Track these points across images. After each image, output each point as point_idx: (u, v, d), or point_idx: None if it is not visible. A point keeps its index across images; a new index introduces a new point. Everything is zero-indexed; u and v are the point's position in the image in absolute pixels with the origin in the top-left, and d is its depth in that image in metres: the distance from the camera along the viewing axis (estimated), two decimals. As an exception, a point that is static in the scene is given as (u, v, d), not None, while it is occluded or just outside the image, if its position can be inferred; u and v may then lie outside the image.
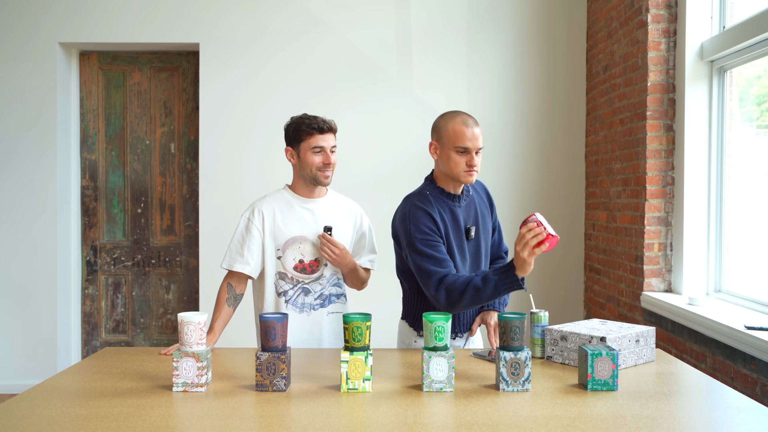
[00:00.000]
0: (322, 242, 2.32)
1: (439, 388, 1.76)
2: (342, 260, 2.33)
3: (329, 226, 2.33)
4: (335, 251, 2.31)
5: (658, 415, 1.59)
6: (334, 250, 2.31)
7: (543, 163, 4.17)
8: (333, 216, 2.42)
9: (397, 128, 4.13)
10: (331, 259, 2.32)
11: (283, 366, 1.76)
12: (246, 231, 2.36)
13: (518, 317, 1.77)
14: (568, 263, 4.17)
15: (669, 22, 3.20)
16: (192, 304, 4.41)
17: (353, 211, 2.49)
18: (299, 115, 2.39)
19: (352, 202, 2.51)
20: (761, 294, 2.76)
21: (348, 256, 2.35)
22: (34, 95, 4.18)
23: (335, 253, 2.31)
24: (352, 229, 2.46)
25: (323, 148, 2.33)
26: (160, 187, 4.42)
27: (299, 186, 2.42)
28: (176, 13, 4.15)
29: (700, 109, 3.12)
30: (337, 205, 2.46)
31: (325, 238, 2.31)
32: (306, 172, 2.36)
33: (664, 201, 3.23)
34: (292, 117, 2.41)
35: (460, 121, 2.12)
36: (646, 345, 2.06)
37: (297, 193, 2.42)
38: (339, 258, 2.32)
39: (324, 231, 2.33)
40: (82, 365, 2.04)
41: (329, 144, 2.34)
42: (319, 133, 2.32)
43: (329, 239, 2.31)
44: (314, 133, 2.32)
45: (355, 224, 2.47)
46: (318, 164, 2.33)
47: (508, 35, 4.15)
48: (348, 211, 2.47)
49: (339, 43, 4.14)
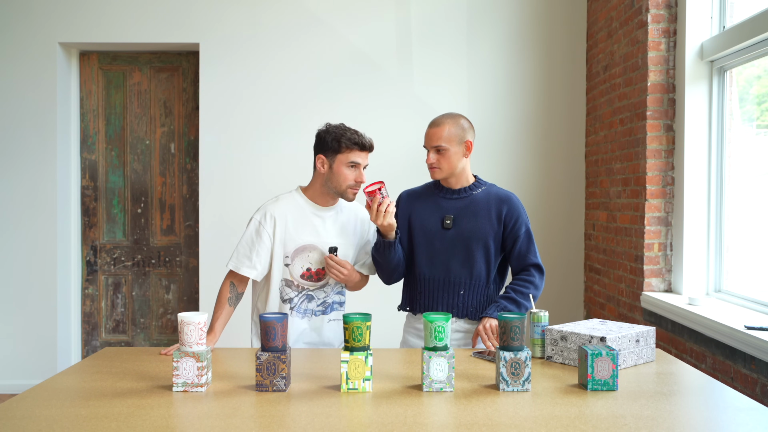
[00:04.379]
0: (329, 264, 2.30)
1: (439, 388, 1.76)
2: (349, 278, 2.35)
3: (334, 247, 2.32)
4: (343, 272, 2.31)
5: (658, 415, 1.59)
6: (342, 271, 2.31)
7: (543, 163, 4.16)
8: (344, 224, 2.41)
9: (398, 127, 4.13)
10: (339, 279, 2.33)
11: (283, 366, 1.76)
12: (256, 235, 2.33)
13: (518, 317, 1.77)
14: (568, 263, 4.17)
15: (669, 22, 3.20)
16: (192, 304, 4.41)
17: (362, 218, 2.48)
18: (339, 125, 2.32)
19: (361, 207, 2.49)
20: (761, 294, 2.76)
21: (354, 273, 2.36)
22: (34, 95, 4.18)
23: (343, 273, 2.31)
24: (359, 237, 2.46)
25: (358, 165, 2.30)
26: (160, 187, 4.42)
27: (318, 194, 2.37)
28: (176, 13, 4.15)
29: (700, 109, 3.12)
30: (347, 212, 2.45)
31: (332, 260, 2.30)
32: (334, 184, 2.31)
33: (664, 201, 3.23)
34: (329, 124, 2.34)
35: (429, 123, 2.38)
36: (646, 345, 2.06)
37: (312, 200, 2.38)
38: (346, 278, 2.33)
39: (329, 252, 2.32)
40: (82, 365, 2.04)
41: (364, 162, 2.32)
42: (360, 149, 2.29)
43: (337, 260, 2.30)
44: (355, 149, 2.28)
45: (363, 232, 2.47)
46: (350, 181, 2.29)
47: (508, 35, 4.15)
48: (357, 218, 2.47)
49: (339, 42, 4.14)
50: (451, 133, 2.30)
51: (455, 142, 2.31)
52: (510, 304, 2.30)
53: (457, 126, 2.32)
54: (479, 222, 2.34)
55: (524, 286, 2.33)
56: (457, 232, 2.34)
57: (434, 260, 2.36)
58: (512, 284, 2.36)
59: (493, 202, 2.37)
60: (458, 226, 2.34)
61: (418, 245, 2.38)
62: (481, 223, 2.34)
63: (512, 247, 2.37)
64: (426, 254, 2.37)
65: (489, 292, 2.38)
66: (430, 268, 2.36)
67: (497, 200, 2.37)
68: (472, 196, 2.37)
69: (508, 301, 2.31)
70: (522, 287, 2.33)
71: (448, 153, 2.31)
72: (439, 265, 2.35)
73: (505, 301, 2.31)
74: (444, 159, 2.31)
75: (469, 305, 2.36)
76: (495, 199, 2.37)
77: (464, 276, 2.35)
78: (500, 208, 2.36)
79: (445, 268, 2.35)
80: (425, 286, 2.38)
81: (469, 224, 2.34)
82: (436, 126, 2.33)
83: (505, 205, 2.37)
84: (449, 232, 2.35)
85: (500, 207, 2.36)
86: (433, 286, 2.37)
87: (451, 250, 2.35)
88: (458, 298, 2.35)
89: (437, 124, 2.33)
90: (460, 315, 2.37)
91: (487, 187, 2.41)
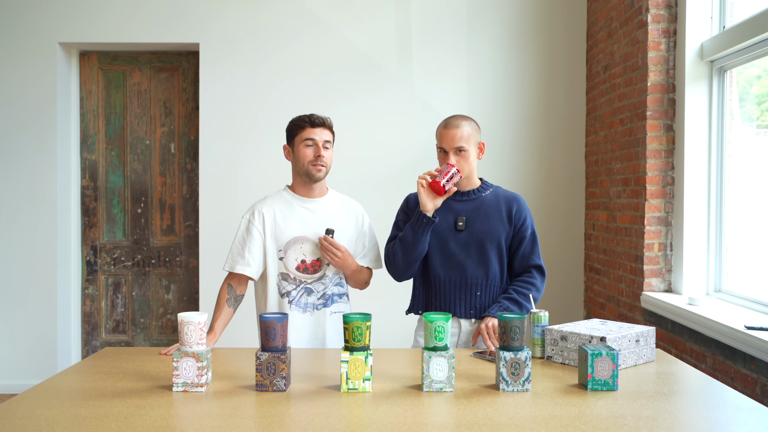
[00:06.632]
0: (324, 245, 2.31)
1: (439, 388, 1.76)
2: (344, 263, 2.33)
3: (331, 230, 2.33)
4: (337, 254, 2.31)
5: (658, 415, 1.59)
6: (336, 253, 2.31)
7: (543, 163, 4.17)
8: (334, 216, 2.41)
9: (397, 127, 4.13)
10: (333, 262, 2.32)
11: (283, 366, 1.76)
12: (246, 232, 2.36)
13: (518, 317, 1.78)
14: (568, 263, 4.17)
15: (669, 22, 3.20)
16: (192, 304, 4.41)
17: (355, 210, 2.48)
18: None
19: (354, 202, 2.51)
20: (761, 294, 2.76)
21: (350, 258, 2.35)
22: (34, 95, 4.18)
23: (337, 256, 2.31)
24: (353, 229, 2.46)
25: (315, 141, 2.34)
26: (160, 187, 4.42)
27: (298, 185, 2.42)
28: (176, 13, 4.15)
29: (700, 109, 3.12)
30: (338, 204, 2.45)
31: (327, 241, 2.30)
32: (299, 167, 2.37)
33: (664, 201, 3.23)
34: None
35: (444, 123, 2.36)
36: (646, 345, 2.06)
37: (297, 193, 2.42)
38: (341, 261, 2.32)
39: (326, 234, 2.32)
40: (82, 365, 2.04)
41: (321, 138, 2.34)
42: (311, 126, 2.34)
43: (331, 242, 2.30)
44: (306, 126, 2.35)
45: (357, 224, 2.47)
46: (310, 157, 2.34)
47: (508, 35, 4.15)
48: (350, 210, 2.47)
49: (339, 42, 4.14)
50: (470, 134, 2.31)
51: (472, 143, 2.32)
52: (512, 305, 2.30)
53: (472, 127, 2.34)
54: (492, 223, 2.36)
55: (526, 287, 2.35)
56: (470, 234, 2.35)
57: (449, 262, 2.35)
58: (514, 285, 2.37)
59: (503, 203, 2.39)
60: (471, 227, 2.35)
61: (432, 247, 2.37)
62: (494, 224, 2.36)
63: (517, 247, 2.39)
64: (440, 256, 2.36)
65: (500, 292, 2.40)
66: (445, 270, 2.36)
67: (506, 201, 2.40)
68: (482, 198, 2.39)
69: (510, 301, 2.31)
70: (524, 288, 2.35)
71: (468, 154, 2.31)
72: (454, 267, 2.35)
73: (507, 302, 2.31)
74: (464, 160, 2.31)
75: (487, 306, 2.36)
76: (504, 200, 2.40)
77: (480, 277, 2.35)
78: (510, 208, 2.39)
79: (460, 270, 2.35)
80: (441, 288, 2.37)
81: (482, 225, 2.35)
82: (455, 127, 2.30)
83: (515, 206, 2.39)
84: (462, 234, 2.35)
85: (510, 208, 2.39)
86: (449, 287, 2.36)
87: (465, 251, 2.35)
88: (475, 299, 2.36)
89: (456, 125, 2.31)
90: (478, 316, 2.36)
91: (494, 188, 2.44)
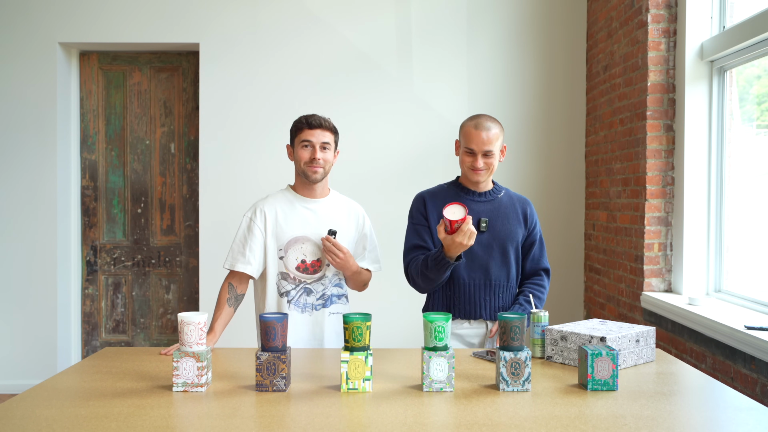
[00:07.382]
0: (326, 246, 2.31)
1: (439, 388, 1.76)
2: (345, 264, 2.33)
3: (334, 230, 2.33)
4: (339, 255, 2.31)
5: (658, 415, 1.59)
6: (338, 254, 2.31)
7: (543, 163, 4.17)
8: (336, 216, 2.41)
9: (397, 126, 4.13)
10: (334, 263, 2.32)
11: (283, 366, 1.76)
12: (248, 231, 2.36)
13: (518, 317, 1.78)
14: (568, 263, 4.17)
15: (669, 22, 3.20)
16: (192, 304, 4.40)
17: (355, 211, 2.48)
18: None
19: (355, 203, 2.51)
20: (761, 294, 2.76)
21: (351, 259, 2.35)
22: (34, 95, 4.18)
23: (339, 257, 2.31)
24: (354, 231, 2.46)
25: (311, 143, 2.34)
26: (160, 187, 4.42)
27: (299, 185, 2.43)
28: (176, 13, 4.15)
29: (700, 109, 3.12)
30: (339, 205, 2.45)
31: (329, 241, 2.30)
32: (297, 167, 2.39)
33: (664, 201, 3.23)
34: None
35: (473, 123, 2.29)
36: (646, 345, 2.06)
37: (298, 193, 2.43)
38: (342, 262, 2.32)
39: (328, 234, 2.32)
40: (82, 365, 2.04)
41: (319, 140, 2.34)
42: (308, 127, 2.35)
43: (334, 243, 2.30)
44: (303, 128, 2.36)
45: (358, 225, 2.47)
46: (305, 159, 2.35)
47: (508, 35, 4.15)
48: (350, 212, 2.47)
49: (339, 42, 4.14)
50: (498, 137, 2.30)
51: (498, 146, 2.31)
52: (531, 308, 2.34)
53: (500, 129, 2.33)
54: (511, 225, 2.37)
55: (541, 292, 2.40)
56: (492, 235, 2.34)
57: (473, 263, 2.34)
58: (530, 287, 2.41)
59: (518, 205, 2.41)
60: (493, 228, 2.35)
61: None
62: (513, 225, 2.37)
63: (529, 249, 2.42)
64: (464, 258, 2.32)
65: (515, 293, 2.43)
66: (469, 272, 2.34)
67: (520, 203, 2.42)
68: (499, 199, 2.40)
69: (530, 306, 2.34)
70: (540, 292, 2.40)
71: (494, 157, 2.31)
72: (477, 269, 2.34)
73: (528, 305, 2.34)
74: (490, 163, 2.30)
75: (507, 307, 2.39)
76: (518, 202, 2.42)
77: (503, 278, 2.36)
78: (525, 210, 2.41)
79: (484, 271, 2.34)
80: (465, 290, 2.34)
81: (503, 227, 2.36)
82: (487, 129, 2.27)
83: (528, 209, 2.43)
84: (485, 235, 2.34)
85: (525, 210, 2.41)
86: (473, 289, 2.35)
87: (488, 253, 2.34)
88: (499, 300, 2.37)
89: (488, 128, 2.27)
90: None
91: (506, 190, 2.45)
